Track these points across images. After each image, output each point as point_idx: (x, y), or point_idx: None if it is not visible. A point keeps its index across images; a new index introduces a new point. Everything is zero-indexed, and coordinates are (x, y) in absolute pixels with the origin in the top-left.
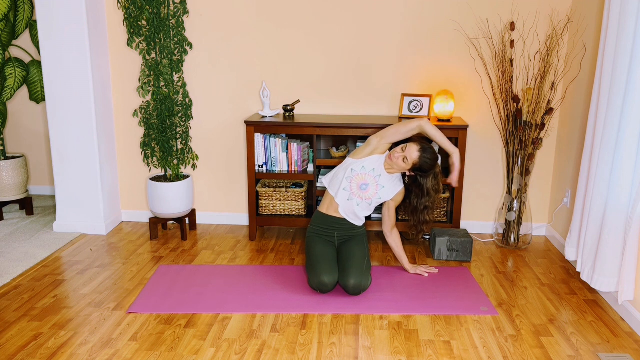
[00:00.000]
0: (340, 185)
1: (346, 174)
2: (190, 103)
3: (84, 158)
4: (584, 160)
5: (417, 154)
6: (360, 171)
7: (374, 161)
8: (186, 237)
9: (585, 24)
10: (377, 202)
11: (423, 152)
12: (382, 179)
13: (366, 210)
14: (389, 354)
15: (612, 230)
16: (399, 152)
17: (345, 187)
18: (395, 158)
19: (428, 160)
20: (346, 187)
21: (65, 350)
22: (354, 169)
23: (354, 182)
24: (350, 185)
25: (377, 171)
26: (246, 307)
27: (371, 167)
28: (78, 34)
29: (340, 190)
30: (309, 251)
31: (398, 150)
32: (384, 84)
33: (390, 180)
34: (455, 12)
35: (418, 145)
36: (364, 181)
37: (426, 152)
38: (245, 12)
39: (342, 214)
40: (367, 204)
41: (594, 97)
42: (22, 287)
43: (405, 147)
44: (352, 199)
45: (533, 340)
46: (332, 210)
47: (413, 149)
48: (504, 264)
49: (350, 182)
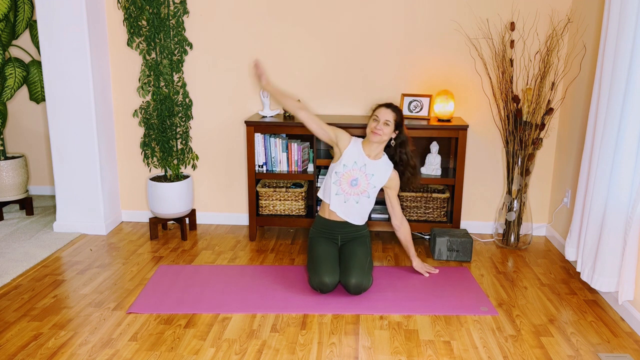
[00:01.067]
0: (332, 192)
1: (332, 179)
2: (190, 103)
3: (84, 158)
4: (584, 160)
5: (389, 110)
6: (344, 170)
7: (351, 155)
8: (186, 237)
9: (585, 24)
10: (374, 191)
11: (390, 106)
12: (368, 167)
13: (367, 204)
14: (389, 354)
15: (612, 230)
16: (378, 123)
17: (336, 192)
18: (379, 129)
19: (397, 108)
20: (338, 191)
21: (65, 350)
22: (338, 171)
23: (343, 183)
24: (341, 188)
25: (359, 162)
26: (246, 307)
27: (352, 161)
28: (78, 34)
29: (333, 197)
30: (311, 250)
31: (374, 123)
32: (384, 83)
33: (377, 166)
34: (455, 12)
35: (382, 106)
36: (352, 177)
37: (391, 105)
38: (245, 12)
39: (343, 218)
40: (366, 197)
41: (594, 97)
42: (22, 287)
43: (377, 116)
44: (349, 200)
45: (533, 340)
46: (333, 216)
47: (382, 110)
48: (504, 264)
49: (339, 185)
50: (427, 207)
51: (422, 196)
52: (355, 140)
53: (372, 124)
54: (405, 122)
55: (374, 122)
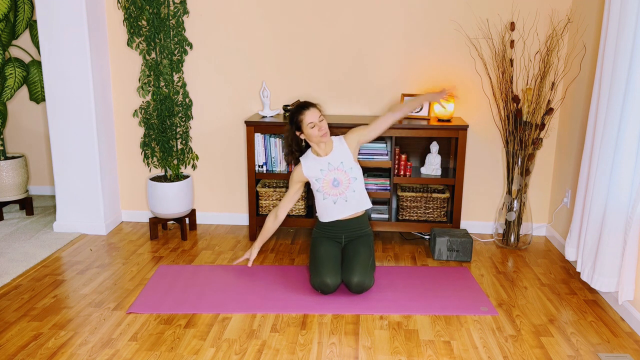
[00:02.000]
0: (322, 202)
1: (318, 196)
2: (190, 103)
3: (84, 158)
4: (584, 160)
5: (311, 108)
6: (320, 184)
7: (312, 170)
8: (186, 237)
9: (585, 24)
10: (355, 175)
11: (306, 104)
12: (333, 162)
13: (360, 188)
14: (389, 354)
15: (612, 230)
16: (315, 125)
17: (325, 199)
18: (321, 129)
19: (307, 101)
20: (326, 198)
21: (65, 350)
22: (317, 188)
23: (326, 189)
24: (327, 193)
25: (324, 167)
26: (246, 307)
27: (318, 172)
28: (78, 34)
29: (324, 205)
30: (314, 250)
31: (314, 129)
32: (384, 83)
33: (337, 154)
34: (455, 12)
35: (302, 110)
36: (330, 181)
37: (305, 104)
38: (245, 12)
39: (344, 216)
40: (353, 190)
41: (594, 97)
42: (22, 287)
43: (310, 122)
44: (338, 200)
45: (533, 340)
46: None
47: (308, 113)
48: (504, 264)
49: (324, 193)
50: (427, 207)
51: (422, 196)
52: (302, 162)
53: (312, 130)
54: (405, 122)
55: (312, 129)
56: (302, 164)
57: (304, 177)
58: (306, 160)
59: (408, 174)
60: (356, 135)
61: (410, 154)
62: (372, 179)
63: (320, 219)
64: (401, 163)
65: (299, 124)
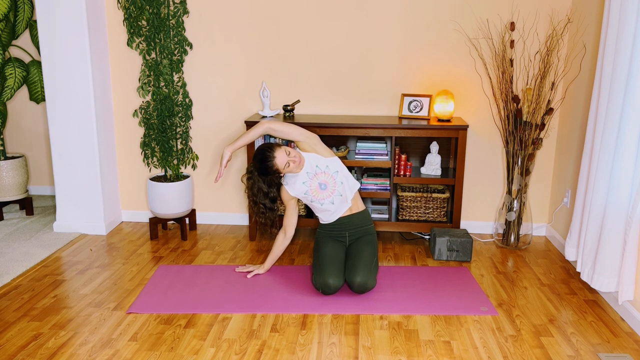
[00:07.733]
0: (321, 209)
1: (310, 201)
2: (190, 103)
3: (84, 158)
4: (584, 160)
5: (278, 151)
6: (308, 187)
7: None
8: (186, 237)
9: (585, 24)
10: (336, 169)
11: (272, 147)
12: (319, 166)
13: (345, 177)
14: (389, 354)
15: (612, 230)
16: (286, 164)
17: (322, 205)
18: (292, 162)
19: (269, 143)
20: (323, 204)
21: (65, 350)
22: (305, 193)
23: (318, 196)
24: (321, 199)
25: (310, 172)
26: (246, 307)
27: (300, 185)
28: (78, 34)
29: (325, 209)
30: (318, 250)
31: (286, 169)
32: (384, 83)
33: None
34: (455, 12)
35: (261, 162)
36: (317, 186)
37: (271, 146)
38: (245, 12)
39: (341, 216)
40: (340, 182)
41: (594, 97)
42: (22, 287)
43: (279, 168)
44: (334, 199)
45: (533, 340)
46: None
47: (278, 160)
48: (504, 264)
49: (318, 200)
50: (427, 207)
51: (422, 196)
52: (284, 186)
53: (289, 168)
54: (405, 122)
55: (289, 167)
56: (285, 188)
57: (293, 197)
58: (287, 183)
59: (408, 174)
60: (300, 138)
61: (410, 154)
62: (372, 179)
63: (326, 222)
64: (401, 163)
65: (274, 171)
